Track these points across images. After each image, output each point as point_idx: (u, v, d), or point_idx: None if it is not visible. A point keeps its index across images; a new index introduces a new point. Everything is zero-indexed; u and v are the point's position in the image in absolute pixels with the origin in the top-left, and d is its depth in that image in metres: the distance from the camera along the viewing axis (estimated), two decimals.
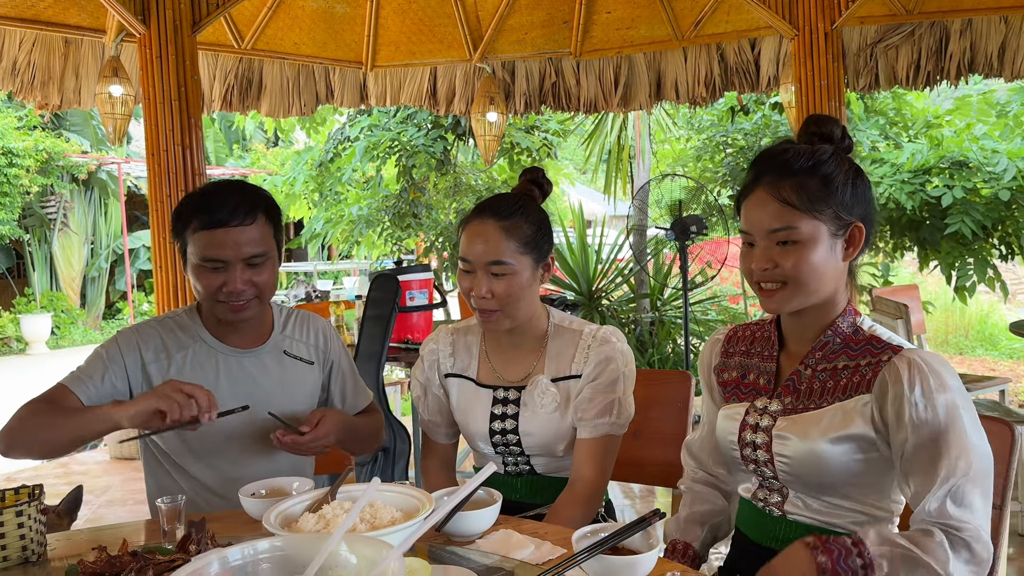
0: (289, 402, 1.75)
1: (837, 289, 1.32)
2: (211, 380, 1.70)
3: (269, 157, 15.43)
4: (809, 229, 1.26)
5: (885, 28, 4.55)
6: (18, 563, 1.28)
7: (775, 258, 1.28)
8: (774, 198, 1.28)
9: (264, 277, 1.66)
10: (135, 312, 13.55)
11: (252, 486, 1.46)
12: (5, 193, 11.62)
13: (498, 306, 1.62)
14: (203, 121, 3.79)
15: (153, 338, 1.71)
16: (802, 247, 1.27)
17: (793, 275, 1.27)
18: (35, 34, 4.09)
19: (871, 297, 4.15)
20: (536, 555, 1.25)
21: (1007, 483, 1.39)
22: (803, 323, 1.36)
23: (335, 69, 5.08)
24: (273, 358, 1.77)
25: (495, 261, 1.60)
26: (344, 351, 1.91)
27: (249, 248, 1.62)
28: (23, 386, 9.06)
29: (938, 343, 8.95)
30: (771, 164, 1.30)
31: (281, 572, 0.85)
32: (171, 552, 1.19)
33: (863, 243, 1.31)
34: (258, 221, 1.64)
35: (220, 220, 1.59)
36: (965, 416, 1.21)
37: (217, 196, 1.63)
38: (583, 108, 5.31)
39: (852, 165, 1.32)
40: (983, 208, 5.24)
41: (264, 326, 1.79)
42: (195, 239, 1.61)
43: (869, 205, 1.32)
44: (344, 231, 8.17)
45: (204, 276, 1.62)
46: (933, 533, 1.15)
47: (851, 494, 1.30)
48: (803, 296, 1.29)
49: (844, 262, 1.31)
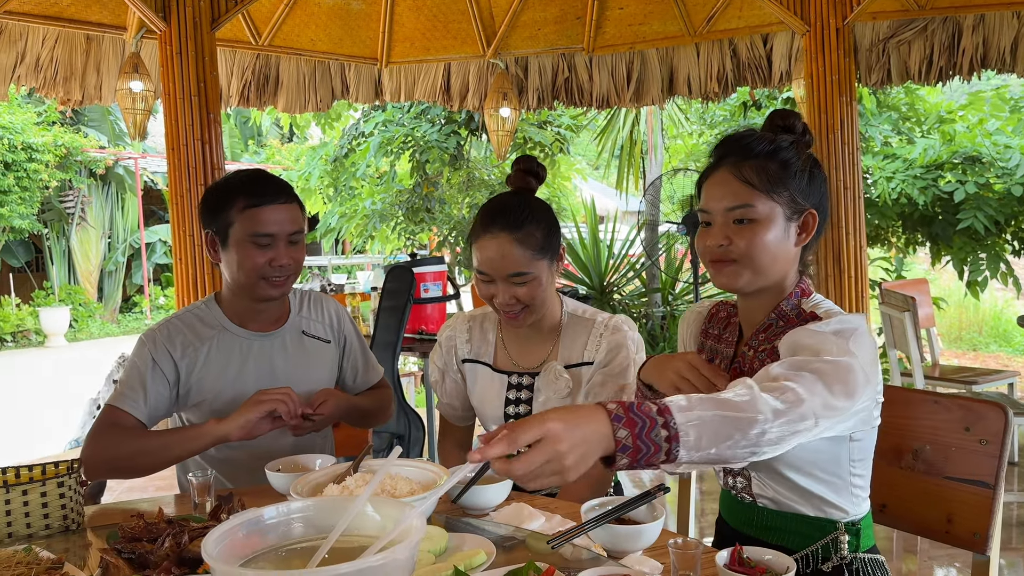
0: (310, 379, 1.83)
1: (786, 274, 1.36)
2: (236, 365, 1.78)
3: (284, 152, 15.55)
4: (765, 209, 1.31)
5: (897, 23, 4.56)
6: (60, 531, 1.35)
7: (731, 235, 1.32)
8: (735, 177, 1.32)
9: (300, 255, 1.77)
10: (151, 305, 13.71)
11: (277, 462, 1.54)
12: (24, 188, 11.78)
13: (521, 310, 1.69)
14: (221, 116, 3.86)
15: (177, 335, 1.77)
16: (757, 226, 1.31)
17: (746, 253, 1.31)
18: (57, 31, 4.17)
19: (881, 290, 4.18)
20: (546, 527, 1.31)
21: (1000, 465, 1.44)
22: (753, 307, 1.40)
23: (350, 65, 5.14)
24: (293, 339, 1.86)
25: (515, 273, 1.65)
26: (355, 329, 2.00)
27: (293, 224, 1.74)
28: (42, 377, 9.21)
29: (952, 339, 8.93)
30: (734, 146, 1.36)
31: (311, 530, 0.92)
32: (203, 520, 1.26)
33: (815, 231, 1.36)
34: (294, 204, 1.77)
35: (270, 198, 1.71)
36: (852, 342, 1.20)
37: (260, 178, 1.75)
38: (595, 103, 5.35)
39: (810, 157, 1.38)
40: (996, 203, 5.24)
41: (282, 309, 1.88)
42: (243, 217, 1.70)
43: (823, 198, 1.37)
44: (358, 226, 8.24)
45: (251, 253, 1.71)
46: (752, 386, 1.09)
47: (805, 468, 1.33)
48: (752, 274, 1.33)
49: (796, 247, 1.35)
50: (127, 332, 13.23)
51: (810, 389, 1.10)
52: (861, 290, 3.73)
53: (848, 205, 3.72)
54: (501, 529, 1.30)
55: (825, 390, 1.12)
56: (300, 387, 1.78)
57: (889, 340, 3.94)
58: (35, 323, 12.31)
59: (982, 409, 1.48)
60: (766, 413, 1.05)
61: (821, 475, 1.34)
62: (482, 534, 1.24)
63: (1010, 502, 3.58)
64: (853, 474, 1.35)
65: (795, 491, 1.36)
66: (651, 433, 0.99)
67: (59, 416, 6.67)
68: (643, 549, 1.21)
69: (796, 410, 1.08)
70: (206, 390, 1.77)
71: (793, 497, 1.36)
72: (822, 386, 1.12)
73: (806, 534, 1.36)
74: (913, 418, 1.59)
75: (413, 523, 0.84)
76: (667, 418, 1.00)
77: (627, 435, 0.98)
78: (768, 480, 1.38)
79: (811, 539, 1.36)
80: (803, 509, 1.36)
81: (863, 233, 3.78)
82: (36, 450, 5.61)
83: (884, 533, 3.36)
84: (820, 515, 1.36)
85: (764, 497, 1.39)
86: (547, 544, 1.15)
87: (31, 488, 1.31)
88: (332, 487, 1.26)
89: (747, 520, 1.43)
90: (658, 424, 0.99)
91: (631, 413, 0.99)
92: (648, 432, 0.98)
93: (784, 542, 1.38)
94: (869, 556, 1.38)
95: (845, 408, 1.14)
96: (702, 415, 1.02)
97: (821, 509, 1.35)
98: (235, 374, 1.78)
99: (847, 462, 1.34)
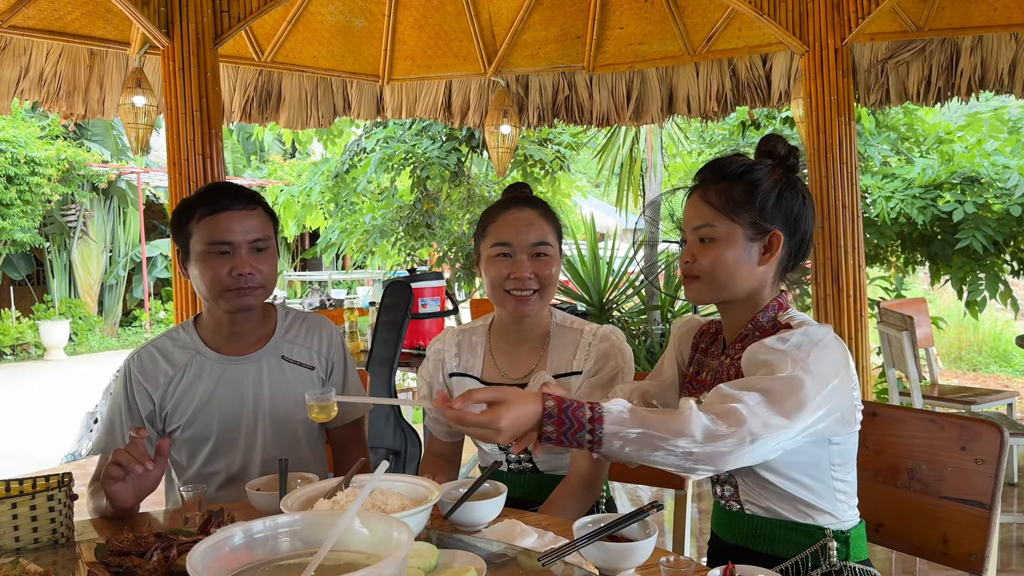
0: (285, 406, 1.79)
1: (756, 289, 1.41)
2: (207, 391, 1.76)
3: (286, 168, 15.60)
4: (726, 230, 1.38)
5: (896, 44, 4.59)
6: (48, 545, 1.35)
7: (695, 253, 1.41)
8: (702, 199, 1.41)
9: (267, 266, 1.72)
10: (152, 320, 13.70)
11: (257, 481, 1.53)
12: (27, 201, 11.81)
13: (538, 287, 1.70)
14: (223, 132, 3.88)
15: (150, 364, 1.77)
16: (717, 245, 1.39)
17: (707, 270, 1.39)
18: (62, 46, 4.20)
19: (879, 309, 4.18)
20: (539, 544, 1.30)
21: (996, 485, 1.44)
22: (732, 320, 1.46)
23: (352, 82, 5.17)
24: (270, 363, 1.81)
25: (541, 242, 1.70)
26: (346, 361, 1.93)
27: (253, 232, 1.70)
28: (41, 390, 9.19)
29: (951, 359, 8.91)
30: (708, 169, 1.44)
31: (299, 545, 0.91)
32: (192, 534, 1.25)
33: (798, 250, 1.41)
34: (258, 211, 1.73)
35: (224, 205, 1.68)
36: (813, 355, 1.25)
37: (217, 187, 1.73)
38: (596, 121, 5.37)
39: (787, 179, 1.41)
40: (994, 223, 5.25)
41: (264, 330, 1.83)
42: (200, 227, 1.68)
43: (798, 219, 1.41)
44: (359, 241, 8.26)
45: (211, 263, 1.68)
46: (692, 407, 1.19)
47: (785, 471, 1.35)
48: (715, 290, 1.41)
49: (760, 266, 1.40)
50: (127, 346, 13.21)
51: (752, 409, 1.18)
52: (860, 309, 3.73)
53: (847, 224, 3.73)
54: (493, 546, 1.29)
55: (767, 409, 1.19)
56: (274, 413, 1.77)
57: (887, 359, 3.93)
58: (35, 336, 12.30)
59: (978, 428, 1.48)
60: (695, 435, 1.16)
61: (802, 479, 1.36)
62: (473, 551, 1.23)
63: (1010, 523, 3.56)
64: (835, 478, 1.37)
65: (779, 496, 1.38)
66: (576, 435, 1.17)
67: (57, 429, 6.65)
68: (635, 567, 1.20)
69: (731, 431, 1.17)
70: (177, 417, 1.76)
71: (778, 503, 1.38)
72: (765, 406, 1.19)
73: (795, 541, 1.37)
74: (909, 437, 1.58)
75: (401, 537, 0.84)
76: (595, 427, 1.16)
77: (553, 431, 1.17)
78: (753, 485, 1.40)
79: (800, 546, 1.37)
80: (790, 515, 1.38)
81: (862, 252, 3.78)
82: (33, 463, 5.59)
83: (883, 554, 3.34)
84: (807, 521, 1.37)
85: (751, 504, 1.41)
86: (538, 561, 1.14)
87: (20, 501, 1.31)
88: (323, 502, 1.26)
89: (737, 530, 1.44)
90: (585, 430, 1.17)
91: (563, 414, 1.17)
92: (574, 433, 1.17)
93: (774, 550, 1.39)
94: (861, 567, 1.38)
95: (787, 425, 1.20)
96: (628, 432, 1.16)
97: (807, 515, 1.37)
98: (205, 400, 1.76)
99: (828, 466, 1.36)
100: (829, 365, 1.27)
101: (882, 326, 3.96)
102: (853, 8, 3.74)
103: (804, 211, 1.42)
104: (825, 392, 1.24)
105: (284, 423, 1.79)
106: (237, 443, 1.77)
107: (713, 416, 1.18)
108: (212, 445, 1.77)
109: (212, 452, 1.77)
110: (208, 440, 1.77)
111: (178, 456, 1.81)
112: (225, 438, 1.77)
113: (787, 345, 1.26)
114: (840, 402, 1.29)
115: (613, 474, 2.02)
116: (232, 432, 1.77)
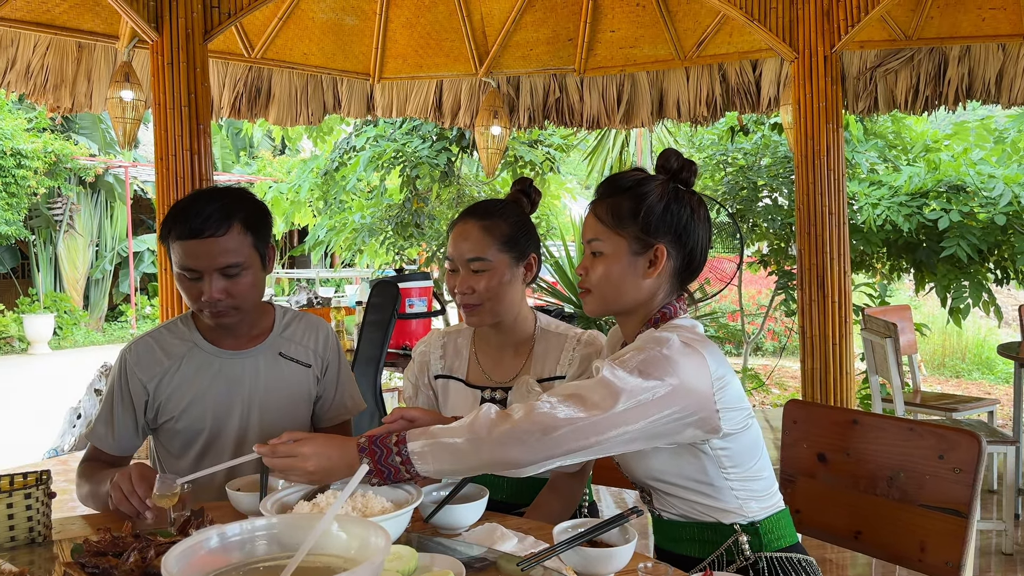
0: (280, 402, 1.80)
1: (644, 301, 1.43)
2: (204, 383, 1.76)
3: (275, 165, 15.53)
4: (611, 245, 1.42)
5: (884, 53, 4.63)
6: (25, 543, 1.34)
7: (587, 266, 1.45)
8: (592, 214, 1.45)
9: (241, 287, 1.68)
10: (138, 315, 13.62)
11: (238, 481, 1.52)
12: (12, 194, 11.72)
13: (478, 300, 1.69)
14: (211, 128, 3.86)
15: (147, 354, 1.76)
16: (604, 259, 1.42)
17: (595, 283, 1.43)
18: (49, 38, 4.17)
19: (863, 316, 4.20)
20: (519, 548, 1.30)
21: (973, 494, 1.45)
22: (627, 331, 1.49)
23: (343, 80, 5.16)
24: (267, 359, 1.81)
25: (474, 258, 1.69)
26: (340, 361, 1.93)
27: (223, 258, 1.64)
28: (24, 385, 9.11)
29: (935, 366, 8.98)
30: (603, 184, 1.47)
31: (276, 548, 0.91)
32: (172, 535, 1.25)
33: (668, 262, 1.42)
34: (232, 231, 1.65)
35: (194, 230, 1.62)
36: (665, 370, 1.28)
37: (194, 207, 1.65)
38: (586, 124, 5.38)
39: (675, 193, 1.43)
40: (979, 232, 5.29)
41: (261, 327, 1.84)
42: (174, 248, 1.66)
43: (686, 231, 1.42)
44: (347, 239, 8.23)
45: (184, 284, 1.68)
46: (481, 407, 1.30)
47: (671, 479, 1.40)
48: (604, 303, 1.44)
49: (646, 279, 1.42)
50: (112, 341, 13.13)
51: (551, 403, 1.25)
52: (845, 315, 3.75)
53: (833, 230, 3.75)
54: (473, 550, 1.29)
55: (567, 404, 1.25)
56: (268, 409, 1.77)
57: (871, 366, 3.95)
58: (19, 330, 12.21)
59: (956, 437, 1.49)
60: (480, 430, 1.24)
61: (691, 485, 1.39)
62: (453, 554, 1.23)
63: (989, 530, 3.59)
64: (729, 479, 1.38)
65: (678, 501, 1.42)
66: (388, 459, 1.27)
67: (39, 425, 6.60)
68: (614, 572, 1.20)
69: (519, 420, 1.23)
70: (171, 408, 1.75)
71: (683, 507, 1.42)
72: (565, 402, 1.26)
73: (709, 540, 1.41)
74: (888, 445, 1.59)
75: (377, 542, 0.84)
76: (400, 447, 1.27)
77: (369, 462, 1.27)
78: (658, 494, 1.44)
79: (714, 544, 1.40)
80: (697, 516, 1.41)
81: (847, 258, 3.80)
82: (13, 459, 5.54)
83: (863, 560, 3.36)
84: (714, 520, 1.40)
85: (663, 510, 1.45)
86: (517, 566, 1.15)
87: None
88: (303, 504, 1.25)
89: (661, 534, 1.49)
90: (393, 453, 1.27)
91: (373, 445, 1.28)
92: (386, 459, 1.27)
93: (691, 551, 1.42)
94: (780, 555, 1.40)
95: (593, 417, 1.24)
96: (425, 444, 1.26)
97: (711, 515, 1.40)
98: (201, 393, 1.75)
99: (716, 470, 1.38)
100: (689, 375, 1.28)
101: (866, 333, 3.99)
102: (843, 16, 3.77)
103: (693, 223, 1.43)
104: (653, 393, 1.25)
105: (276, 420, 1.79)
106: (229, 438, 1.77)
107: (505, 412, 1.26)
108: (204, 438, 1.77)
109: (204, 446, 1.78)
110: (201, 433, 1.77)
111: (170, 448, 1.80)
112: (217, 432, 1.77)
113: (634, 361, 1.29)
114: (691, 406, 1.29)
115: (597, 478, 2.03)
116: (224, 426, 1.77)
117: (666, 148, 1.51)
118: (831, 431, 1.71)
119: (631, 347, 1.35)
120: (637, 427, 1.25)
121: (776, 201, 6.29)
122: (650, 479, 1.43)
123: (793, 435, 1.78)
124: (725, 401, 1.33)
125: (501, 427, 1.23)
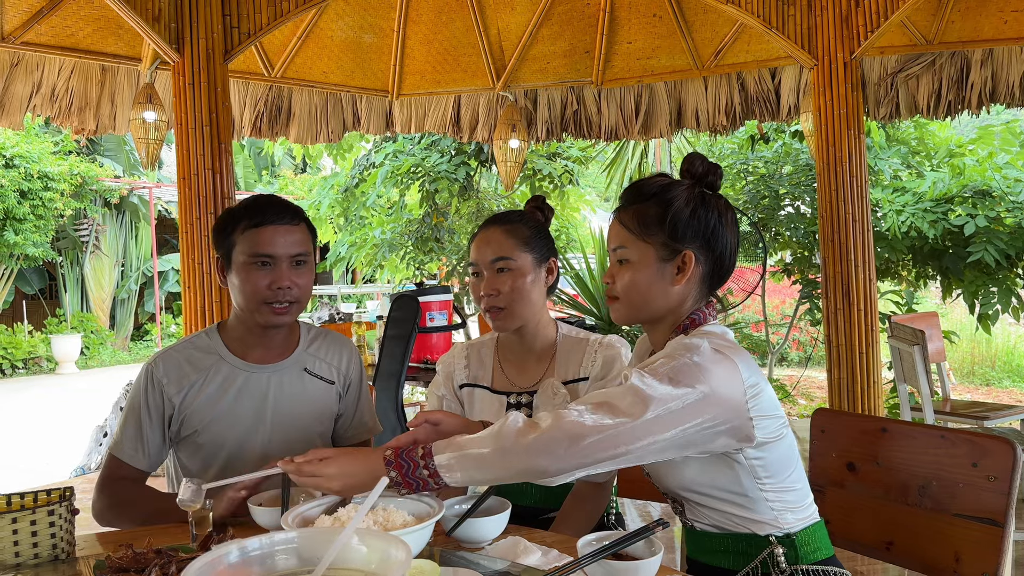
0: (304, 418, 1.80)
1: (674, 308, 1.41)
2: (230, 397, 1.76)
3: (297, 183, 15.69)
4: (638, 252, 1.40)
5: (905, 58, 4.58)
6: (49, 560, 1.34)
7: (613, 275, 1.43)
8: (617, 221, 1.43)
9: (305, 280, 1.75)
10: (163, 333, 13.77)
11: (259, 496, 1.51)
12: (40, 216, 11.91)
13: (504, 303, 1.71)
14: (233, 147, 3.90)
15: (173, 367, 1.76)
16: (631, 267, 1.40)
17: (623, 291, 1.41)
18: (74, 62, 4.24)
19: (890, 324, 4.14)
20: (542, 561, 1.28)
21: (1009, 502, 1.41)
22: (655, 338, 1.46)
23: (362, 97, 5.20)
24: (293, 375, 1.82)
25: (498, 258, 1.72)
26: (361, 380, 1.95)
27: (295, 247, 1.72)
28: (52, 404, 9.23)
29: (964, 374, 8.83)
30: (627, 191, 1.45)
31: (296, 562, 0.90)
32: (193, 551, 1.24)
33: (697, 268, 1.39)
34: (301, 226, 1.76)
35: (270, 218, 1.70)
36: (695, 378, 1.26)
37: (266, 200, 1.75)
38: (604, 136, 5.37)
39: (702, 197, 1.41)
40: (1006, 237, 5.20)
41: (289, 342, 1.85)
42: (244, 238, 1.70)
43: (714, 235, 1.40)
44: (368, 255, 8.27)
45: (252, 275, 1.70)
46: (508, 415, 1.28)
47: (705, 491, 1.37)
48: (632, 311, 1.42)
49: (674, 286, 1.39)
50: (138, 360, 13.27)
51: (579, 411, 1.23)
52: (871, 323, 3.70)
53: (857, 238, 3.71)
54: (496, 563, 1.28)
55: (594, 412, 1.22)
56: (291, 424, 1.77)
57: (899, 374, 3.89)
58: (47, 350, 12.37)
59: (989, 445, 1.45)
60: (508, 438, 1.22)
61: (726, 496, 1.36)
62: (476, 568, 1.22)
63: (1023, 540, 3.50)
64: (765, 490, 1.35)
65: (712, 512, 1.39)
66: (416, 473, 1.26)
67: (66, 443, 6.67)
68: None
69: (547, 428, 1.21)
70: (196, 421, 1.75)
71: (718, 518, 1.39)
72: (592, 410, 1.23)
73: (743, 552, 1.37)
74: (919, 453, 1.56)
75: (398, 556, 0.83)
76: (427, 460, 1.26)
77: (397, 475, 1.26)
78: (691, 504, 1.41)
79: (749, 556, 1.37)
80: (732, 528, 1.38)
81: (872, 266, 3.75)
82: (41, 477, 5.60)
83: (895, 572, 3.29)
84: (749, 532, 1.37)
85: (696, 521, 1.42)
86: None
87: (21, 516, 1.30)
88: (324, 518, 1.25)
89: (696, 546, 1.45)
90: (420, 466, 1.26)
91: (400, 458, 1.27)
92: (414, 472, 1.26)
93: (724, 563, 1.39)
94: (816, 568, 1.36)
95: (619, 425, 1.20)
96: (452, 456, 1.25)
97: (746, 527, 1.37)
98: (227, 407, 1.76)
99: (751, 480, 1.34)
100: (720, 380, 1.25)
101: (893, 340, 3.93)
102: (862, 22, 3.73)
103: (721, 227, 1.40)
104: (683, 401, 1.22)
105: (299, 436, 1.79)
106: (252, 453, 1.77)
107: (526, 424, 1.24)
108: (226, 453, 1.77)
109: (226, 461, 1.77)
110: (223, 447, 1.76)
111: (190, 464, 1.80)
112: (239, 447, 1.77)
113: (665, 368, 1.26)
114: (723, 414, 1.26)
115: (622, 491, 2.01)
116: (247, 441, 1.77)
117: (690, 152, 1.49)
118: (860, 440, 1.68)
119: (661, 354, 1.32)
120: (668, 436, 1.22)
121: (799, 209, 6.24)
122: (682, 489, 1.40)
123: (821, 444, 1.75)
124: (759, 409, 1.30)
125: (528, 436, 1.21)
